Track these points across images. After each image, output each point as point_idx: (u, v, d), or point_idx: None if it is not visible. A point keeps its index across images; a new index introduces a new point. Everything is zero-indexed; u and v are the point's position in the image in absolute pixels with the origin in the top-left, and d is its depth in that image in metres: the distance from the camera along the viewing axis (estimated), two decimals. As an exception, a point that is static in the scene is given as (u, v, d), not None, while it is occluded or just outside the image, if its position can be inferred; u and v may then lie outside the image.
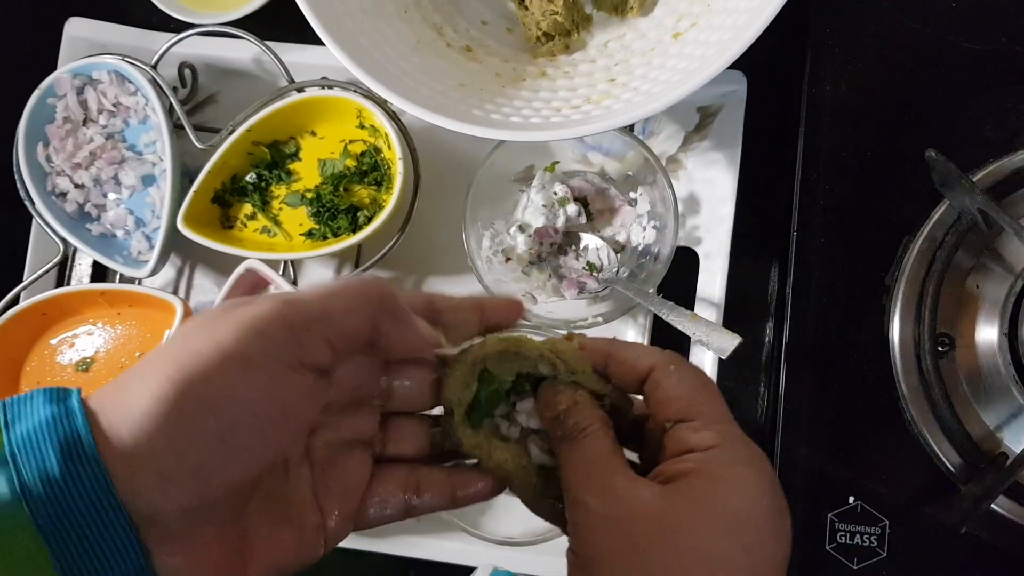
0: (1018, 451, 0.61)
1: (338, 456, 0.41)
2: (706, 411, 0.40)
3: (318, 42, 0.61)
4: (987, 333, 0.64)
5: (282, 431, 0.36)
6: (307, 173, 0.74)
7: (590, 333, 0.68)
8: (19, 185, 0.74)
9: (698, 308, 0.70)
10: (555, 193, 0.70)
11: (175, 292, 0.77)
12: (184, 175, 0.74)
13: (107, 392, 0.35)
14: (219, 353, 0.35)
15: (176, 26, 0.76)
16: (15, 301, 0.76)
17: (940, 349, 0.64)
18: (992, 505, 0.61)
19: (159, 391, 0.34)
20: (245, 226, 0.74)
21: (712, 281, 0.70)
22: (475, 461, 0.43)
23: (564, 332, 0.48)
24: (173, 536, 0.34)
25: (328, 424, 0.41)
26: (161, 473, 0.33)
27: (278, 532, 0.38)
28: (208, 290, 0.78)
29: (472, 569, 0.69)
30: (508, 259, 0.70)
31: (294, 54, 0.75)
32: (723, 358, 0.64)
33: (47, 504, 0.32)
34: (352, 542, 0.71)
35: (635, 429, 0.43)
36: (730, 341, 0.64)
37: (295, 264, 0.76)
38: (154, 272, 0.73)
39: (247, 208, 0.74)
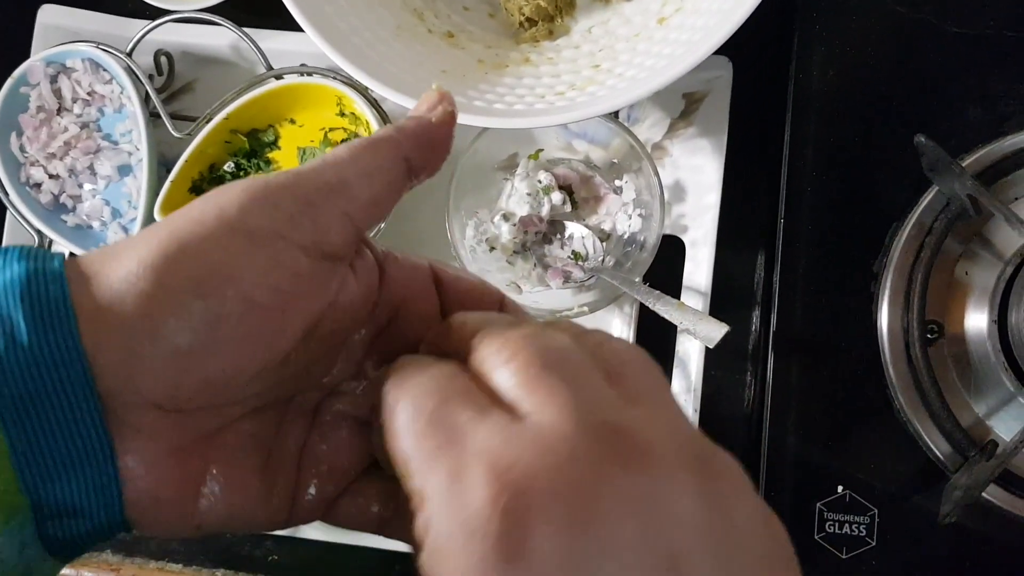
0: (1008, 439, 0.61)
1: (341, 431, 0.36)
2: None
3: (297, 28, 0.60)
4: (976, 320, 0.63)
5: (279, 328, 0.31)
6: (286, 161, 0.73)
7: (576, 323, 0.69)
8: (-8, 176, 0.73)
9: (684, 297, 0.69)
10: (539, 181, 0.70)
11: (153, 284, 0.76)
12: (161, 165, 0.73)
13: (94, 257, 0.30)
14: (220, 223, 0.30)
15: (151, 13, 0.75)
16: (-11, 294, 0.74)
17: (929, 337, 0.63)
18: (982, 494, 0.61)
19: (147, 259, 0.29)
20: (224, 216, 0.73)
21: (698, 269, 0.70)
22: None
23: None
24: (131, 430, 0.30)
25: (348, 394, 0.36)
26: (131, 352, 0.29)
27: (245, 479, 0.33)
28: (187, 282, 0.77)
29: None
30: (492, 248, 0.70)
31: (272, 40, 0.74)
32: (710, 347, 0.63)
33: (9, 381, 0.28)
34: (337, 535, 0.70)
35: None
36: (717, 330, 0.63)
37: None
38: (131, 264, 0.72)
39: (226, 198, 0.73)
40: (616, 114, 0.70)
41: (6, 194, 0.73)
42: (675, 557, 0.26)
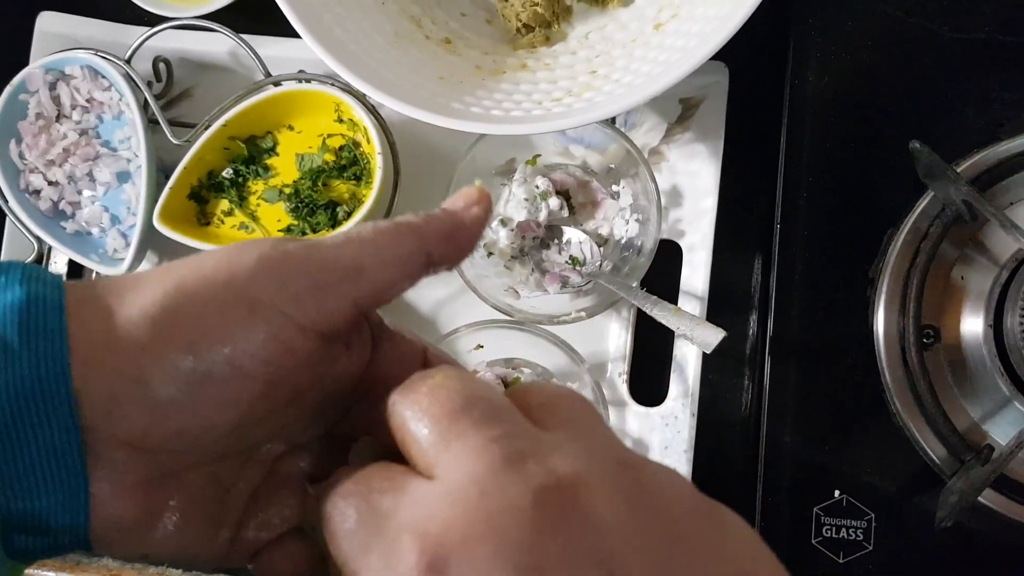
0: (1004, 443, 0.61)
1: (292, 486, 0.36)
2: None
3: (295, 35, 0.60)
4: (972, 325, 0.63)
5: (262, 396, 0.31)
6: (285, 168, 0.73)
7: (573, 327, 0.69)
8: (-9, 183, 0.73)
9: (681, 301, 0.69)
10: (537, 187, 0.70)
11: (152, 290, 0.76)
12: (160, 171, 0.73)
13: (100, 290, 0.31)
14: (227, 288, 0.30)
15: (150, 19, 0.75)
16: (-11, 301, 0.75)
17: (925, 341, 0.63)
18: (979, 498, 0.61)
19: (148, 309, 0.30)
20: (222, 223, 0.73)
21: (695, 274, 0.70)
22: None
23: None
24: (101, 461, 0.30)
25: (308, 451, 0.36)
26: (114, 395, 0.29)
27: (200, 517, 0.34)
28: (186, 288, 0.77)
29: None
30: (490, 253, 0.70)
31: (270, 47, 0.74)
32: (707, 352, 0.64)
33: None
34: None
35: None
36: (714, 335, 0.63)
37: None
38: (130, 270, 0.72)
39: (224, 204, 0.73)
40: (613, 119, 0.71)
41: (5, 201, 0.73)
42: (606, 560, 0.26)
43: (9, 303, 0.29)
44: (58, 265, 0.78)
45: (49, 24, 0.78)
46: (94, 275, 0.75)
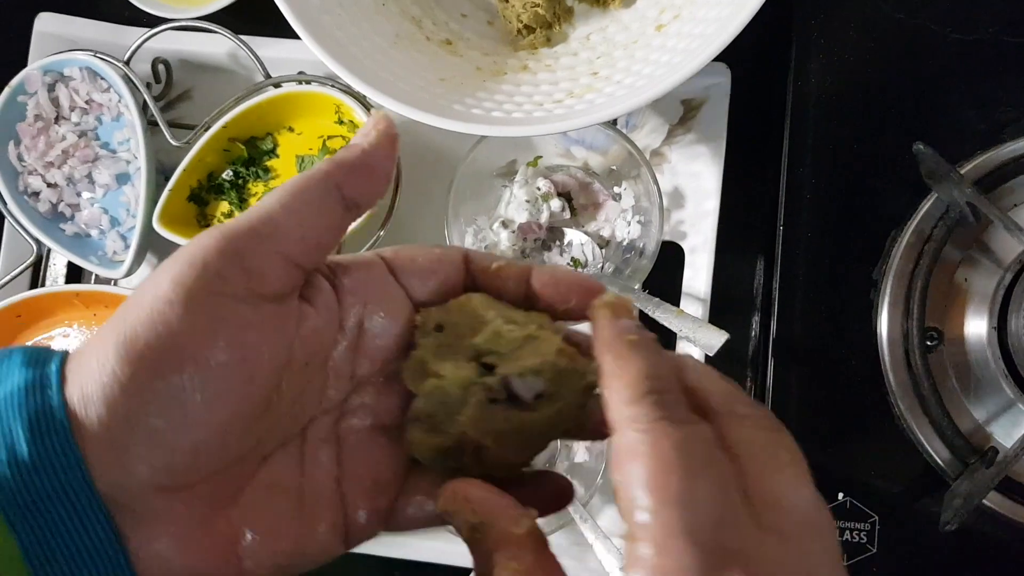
0: (1008, 445, 0.61)
1: (372, 445, 0.36)
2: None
3: (294, 36, 0.60)
4: (976, 327, 0.63)
5: (247, 379, 0.31)
6: (285, 170, 0.73)
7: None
8: (-10, 185, 0.73)
9: (684, 303, 0.69)
10: (538, 188, 0.69)
11: (152, 292, 0.76)
12: (159, 173, 0.73)
13: (74, 355, 0.32)
14: (156, 300, 0.30)
15: (149, 21, 0.74)
16: (-12, 303, 0.74)
17: (929, 343, 0.63)
18: (983, 501, 0.60)
19: (106, 356, 0.30)
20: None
21: (697, 276, 0.69)
22: None
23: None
24: (148, 518, 0.31)
25: (360, 407, 0.36)
26: (116, 445, 0.30)
27: (282, 526, 0.34)
28: (186, 290, 0.77)
29: (460, 569, 0.68)
30: (491, 256, 0.70)
31: (270, 48, 0.74)
32: (710, 354, 0.63)
33: (14, 489, 0.29)
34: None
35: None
36: (717, 338, 0.63)
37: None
38: (130, 272, 0.72)
39: (224, 206, 0.73)
40: (614, 121, 0.70)
41: (4, 203, 0.73)
42: None
43: (10, 391, 0.30)
44: (58, 267, 0.78)
45: (48, 25, 0.78)
46: (93, 278, 0.75)
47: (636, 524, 0.28)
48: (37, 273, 0.78)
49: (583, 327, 0.36)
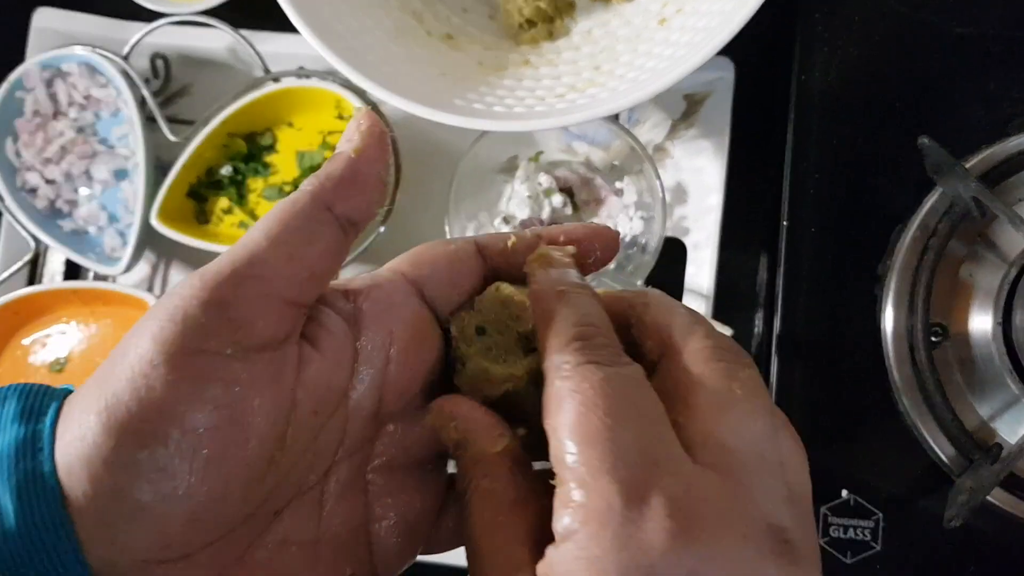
0: (1013, 442, 0.60)
1: (404, 483, 0.33)
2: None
3: (294, 31, 0.59)
4: (981, 322, 0.63)
5: (241, 439, 0.29)
6: (285, 165, 0.72)
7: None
8: (-13, 181, 0.72)
9: (687, 300, 0.69)
10: (540, 184, 0.69)
11: (150, 290, 0.76)
12: (158, 169, 0.73)
13: (65, 411, 0.29)
14: (138, 361, 0.28)
15: (148, 15, 0.74)
16: (-15, 300, 0.74)
17: (933, 339, 0.63)
18: (987, 497, 0.60)
19: (87, 425, 0.28)
20: (221, 221, 0.72)
21: (700, 272, 0.69)
22: None
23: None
24: None
25: (389, 444, 0.33)
26: (105, 520, 0.28)
27: None
28: (185, 287, 0.76)
29: (460, 569, 0.68)
30: (492, 252, 0.69)
31: (270, 43, 0.73)
32: (713, 351, 0.63)
33: (4, 561, 0.27)
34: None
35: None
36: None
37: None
38: (128, 269, 0.72)
39: (223, 202, 0.72)
40: (617, 116, 0.70)
41: (2, 200, 0.72)
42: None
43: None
44: (55, 264, 0.77)
45: (46, 20, 0.77)
46: (91, 275, 0.75)
47: (564, 468, 0.28)
48: (35, 270, 0.77)
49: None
